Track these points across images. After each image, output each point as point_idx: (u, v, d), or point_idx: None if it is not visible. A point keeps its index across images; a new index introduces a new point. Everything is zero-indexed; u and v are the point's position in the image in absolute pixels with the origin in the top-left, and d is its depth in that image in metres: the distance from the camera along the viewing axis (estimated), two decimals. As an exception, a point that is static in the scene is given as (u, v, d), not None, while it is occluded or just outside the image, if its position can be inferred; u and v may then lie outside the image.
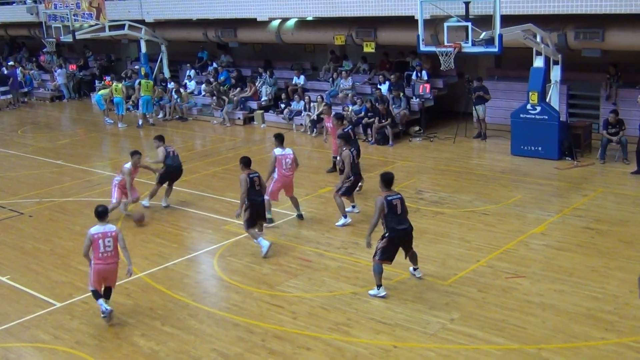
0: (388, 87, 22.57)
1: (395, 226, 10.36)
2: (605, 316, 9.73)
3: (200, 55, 30.37)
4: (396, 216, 10.36)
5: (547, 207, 14.40)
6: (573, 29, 18.55)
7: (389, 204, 10.30)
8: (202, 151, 21.68)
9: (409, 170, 17.68)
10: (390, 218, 10.29)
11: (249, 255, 12.55)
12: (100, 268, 10.06)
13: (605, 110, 19.19)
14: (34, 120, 28.98)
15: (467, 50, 16.48)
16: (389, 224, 10.35)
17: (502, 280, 11.00)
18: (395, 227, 10.35)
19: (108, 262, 10.09)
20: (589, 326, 9.50)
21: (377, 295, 10.59)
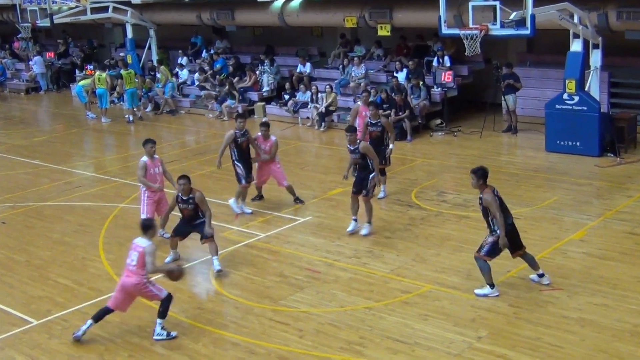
0: (406, 75, 22.57)
1: (507, 221, 10.75)
2: (653, 333, 9.70)
3: (193, 41, 30.44)
4: (506, 211, 10.80)
5: (587, 210, 14.35)
6: (615, 8, 18.51)
7: (500, 198, 10.75)
8: (196, 148, 21.73)
9: (430, 169, 17.66)
10: (502, 212, 10.70)
11: (249, 266, 12.56)
12: (120, 280, 10.37)
13: (652, 100, 19.15)
14: (7, 114, 29.14)
15: (495, 33, 16.45)
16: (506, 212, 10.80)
17: (536, 293, 10.97)
18: (507, 222, 10.76)
19: (126, 275, 10.23)
20: (635, 345, 9.46)
21: (489, 296, 10.80)
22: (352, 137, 13.55)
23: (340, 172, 18.01)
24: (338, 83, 24.19)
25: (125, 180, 18.07)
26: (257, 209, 15.45)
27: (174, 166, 18.61)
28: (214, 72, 27.37)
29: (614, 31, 18.95)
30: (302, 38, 27.95)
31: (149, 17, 29.52)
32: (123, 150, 22.17)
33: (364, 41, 25.81)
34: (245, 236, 13.96)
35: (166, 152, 21.16)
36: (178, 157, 20.34)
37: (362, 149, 13.43)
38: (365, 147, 13.54)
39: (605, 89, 19.56)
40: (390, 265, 12.23)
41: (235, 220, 14.81)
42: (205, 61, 28.45)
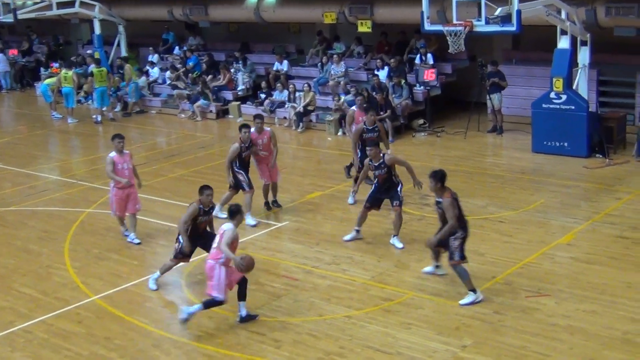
0: (387, 74, 22.63)
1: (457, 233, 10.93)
2: (643, 341, 9.79)
3: (164, 37, 30.36)
4: (461, 221, 11.02)
5: (575, 213, 14.46)
6: (604, 3, 18.66)
7: (459, 207, 11.00)
8: (167, 150, 21.66)
9: (412, 171, 17.69)
10: (461, 216, 10.97)
11: (223, 273, 12.50)
12: None
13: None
14: (-33, 115, 28.88)
15: (479, 30, 16.54)
16: (462, 222, 10.98)
17: (522, 299, 11.03)
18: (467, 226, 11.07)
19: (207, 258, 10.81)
20: (625, 353, 9.53)
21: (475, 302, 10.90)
22: (375, 151, 13.14)
23: (319, 174, 18.10)
24: (316, 82, 24.21)
25: (93, 184, 17.97)
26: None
27: (145, 169, 18.55)
28: (186, 70, 27.29)
29: (603, 27, 19.10)
30: (279, 35, 27.94)
31: (118, 12, 29.40)
32: (90, 153, 22.03)
33: (344, 38, 25.84)
34: (219, 242, 13.89)
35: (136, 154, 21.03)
36: (149, 159, 20.26)
37: (389, 162, 13.10)
38: (392, 159, 13.26)
39: (593, 87, 19.73)
40: (371, 272, 12.25)
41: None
42: (177, 59, 28.37)
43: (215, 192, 16.87)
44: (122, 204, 14.02)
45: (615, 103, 20.65)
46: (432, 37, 22.65)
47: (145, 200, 16.52)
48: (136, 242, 14.13)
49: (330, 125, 22.14)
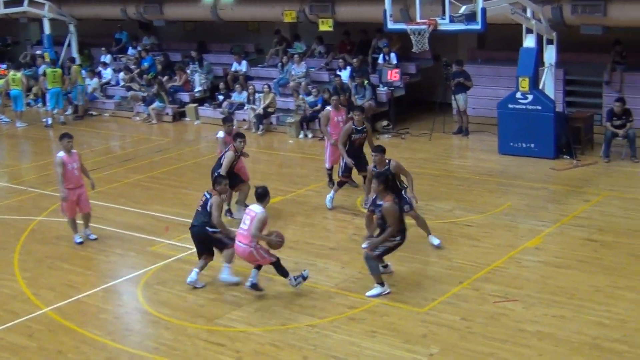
0: (350, 74, 22.68)
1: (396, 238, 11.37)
2: (613, 345, 9.87)
3: (117, 37, 30.14)
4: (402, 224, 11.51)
5: (542, 216, 14.60)
6: (570, 1, 18.89)
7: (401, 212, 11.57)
8: (121, 155, 21.49)
9: (377, 174, 17.73)
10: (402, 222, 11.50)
11: (181, 283, 12.43)
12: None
13: (609, 99, 19.56)
14: None
15: (444, 28, 16.62)
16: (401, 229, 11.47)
17: (489, 305, 11.10)
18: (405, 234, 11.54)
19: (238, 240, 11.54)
20: (595, 358, 9.62)
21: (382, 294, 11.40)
22: (381, 157, 13.03)
23: (280, 178, 18.07)
24: (277, 82, 24.20)
25: (44, 191, 17.77)
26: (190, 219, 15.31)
27: (98, 174, 18.37)
28: (141, 71, 27.12)
29: (569, 25, 19.34)
30: (237, 34, 27.88)
31: (68, 11, 29.11)
32: (41, 158, 21.77)
33: (305, 37, 25.86)
34: (176, 250, 13.83)
35: (89, 159, 20.88)
36: (102, 164, 20.08)
37: (394, 169, 13.02)
38: (397, 166, 13.16)
39: (560, 87, 19.94)
40: (335, 279, 12.25)
41: (166, 232, 14.67)
42: (131, 59, 28.19)
43: (174, 199, 16.87)
44: (73, 205, 14.16)
45: (583, 103, 20.90)
46: (395, 36, 22.74)
47: (99, 207, 16.39)
48: (92, 237, 14.32)
49: (292, 128, 22.14)
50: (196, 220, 12.12)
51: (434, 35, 16.83)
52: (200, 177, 18.42)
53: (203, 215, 12.03)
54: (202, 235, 12.07)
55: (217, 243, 12.10)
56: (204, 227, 12.00)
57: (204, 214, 12.03)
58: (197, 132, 23.77)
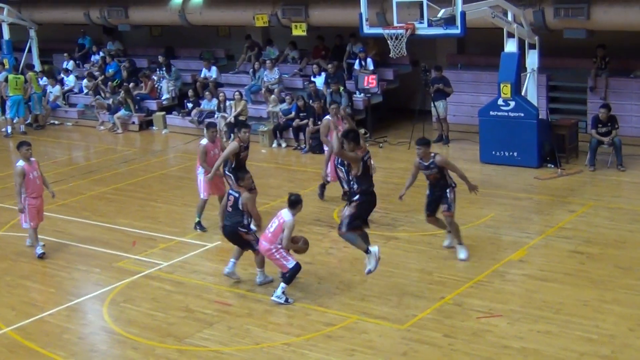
0: (324, 80, 22.72)
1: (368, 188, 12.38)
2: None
3: (80, 42, 30.01)
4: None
5: (527, 228, 14.66)
6: (552, 4, 19.03)
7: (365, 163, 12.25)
8: (85, 166, 21.36)
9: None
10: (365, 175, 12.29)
11: (149, 300, 12.38)
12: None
13: (594, 105, 19.72)
14: None
15: (422, 33, 16.70)
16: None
17: (473, 321, 11.11)
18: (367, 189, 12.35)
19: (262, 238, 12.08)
20: (582, 375, 9.67)
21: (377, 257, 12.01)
22: (426, 150, 13.26)
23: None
24: (248, 89, 24.17)
25: (2, 204, 17.61)
26: (158, 233, 15.26)
27: (60, 186, 18.27)
28: (105, 77, 27.00)
29: (552, 30, 19.48)
30: (206, 39, 27.86)
31: (28, 15, 28.95)
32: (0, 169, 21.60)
33: (277, 42, 25.88)
34: (144, 266, 13.75)
35: (51, 171, 20.73)
36: (65, 176, 19.95)
37: (440, 163, 13.23)
38: (443, 160, 13.37)
39: (543, 93, 20.09)
40: (311, 295, 12.22)
41: (133, 247, 14.58)
42: (95, 66, 28.05)
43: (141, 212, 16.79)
44: (36, 212, 14.27)
45: (567, 109, 21.05)
46: (372, 41, 22.80)
47: (62, 220, 16.30)
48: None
49: (264, 137, 22.11)
50: (228, 220, 12.38)
51: (412, 40, 16.91)
52: (168, 188, 18.38)
53: (235, 214, 12.27)
54: (234, 234, 12.43)
55: (247, 245, 12.46)
56: (236, 227, 12.29)
57: (235, 213, 12.27)
58: (164, 142, 23.67)
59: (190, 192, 17.81)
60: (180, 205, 16.97)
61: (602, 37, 19.89)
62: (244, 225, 12.29)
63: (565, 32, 19.34)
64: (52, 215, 16.68)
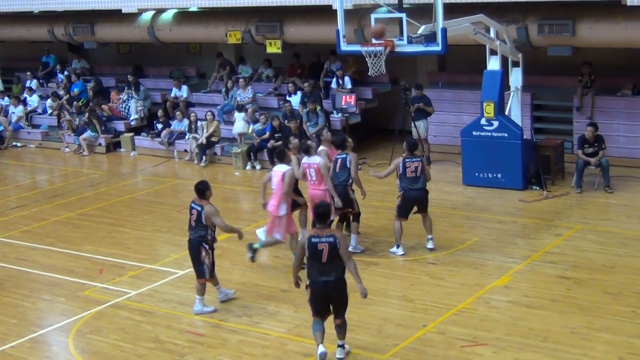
0: (300, 99, 22.78)
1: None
2: (590, 392, 9.98)
3: (45, 60, 29.93)
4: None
5: (512, 252, 14.72)
6: (536, 20, 19.19)
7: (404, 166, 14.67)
8: (49, 190, 21.26)
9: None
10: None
11: (117, 331, 12.31)
12: None
13: (580, 125, 19.88)
14: None
15: (401, 50, 16.77)
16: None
17: (457, 350, 11.14)
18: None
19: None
20: (571, 406, 9.71)
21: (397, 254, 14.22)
22: None
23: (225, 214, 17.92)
24: (221, 109, 24.19)
25: None
26: (126, 260, 15.20)
27: (23, 212, 18.18)
28: (70, 97, 26.93)
29: (536, 47, 19.64)
30: (176, 57, 27.87)
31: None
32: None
33: (251, 60, 25.93)
34: (112, 294, 13.69)
35: (13, 195, 20.65)
36: (28, 200, 19.84)
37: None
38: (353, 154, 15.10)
39: (527, 112, 20.22)
40: (288, 324, 12.21)
41: (100, 275, 14.51)
42: (60, 85, 27.99)
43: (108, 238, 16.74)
44: None
45: (552, 129, 21.18)
46: (350, 59, 22.90)
47: (24, 247, 16.20)
48: None
49: (238, 159, 22.11)
50: (192, 234, 12.70)
51: (391, 58, 16.97)
52: (137, 213, 18.33)
53: (198, 228, 12.57)
54: (196, 249, 12.69)
55: (199, 265, 12.65)
56: (200, 241, 12.60)
57: (199, 227, 12.55)
58: (133, 165, 23.61)
59: (160, 217, 17.82)
60: (149, 231, 16.92)
61: (588, 54, 20.08)
62: (207, 241, 12.54)
63: (549, 49, 19.50)
64: (14, 242, 16.59)
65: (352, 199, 14.81)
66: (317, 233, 10.52)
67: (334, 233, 10.56)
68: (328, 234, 10.47)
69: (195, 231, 12.57)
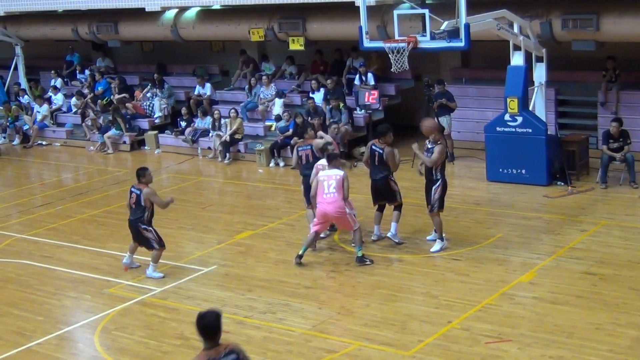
0: (324, 96, 22.77)
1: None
2: (616, 388, 9.92)
3: (69, 59, 30.07)
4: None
5: (536, 248, 14.66)
6: (559, 15, 19.10)
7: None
8: (74, 188, 21.36)
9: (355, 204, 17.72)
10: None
11: (142, 328, 12.36)
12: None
13: (604, 120, 19.75)
14: None
15: (425, 46, 16.75)
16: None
17: (481, 346, 11.10)
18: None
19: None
20: (597, 402, 9.66)
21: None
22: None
23: (249, 210, 18.04)
24: (244, 107, 24.22)
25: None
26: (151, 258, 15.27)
27: (49, 210, 18.29)
28: (95, 95, 27.06)
29: (560, 42, 19.55)
30: (200, 54, 27.93)
31: (14, 31, 29.04)
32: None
33: (274, 57, 25.95)
34: (137, 292, 13.75)
35: (38, 193, 20.78)
36: (53, 198, 19.95)
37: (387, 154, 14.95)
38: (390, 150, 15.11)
39: (551, 107, 20.10)
40: (312, 321, 12.21)
41: (125, 272, 14.57)
42: (84, 84, 28.13)
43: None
44: None
45: (576, 125, 21.06)
46: (373, 56, 22.87)
47: (50, 245, 16.30)
48: None
49: (261, 156, 22.14)
50: (132, 216, 14.14)
51: (414, 54, 16.95)
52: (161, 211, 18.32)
53: (137, 210, 14.00)
54: (135, 230, 14.06)
55: (145, 242, 14.05)
56: (137, 223, 13.95)
57: (137, 209, 13.99)
58: (157, 162, 23.69)
59: (184, 215, 17.86)
60: (174, 228, 16.96)
61: (612, 48, 19.95)
62: (143, 222, 13.91)
63: (573, 44, 19.40)
64: (40, 239, 16.70)
65: (394, 190, 15.13)
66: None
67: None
68: None
69: (134, 213, 14.01)
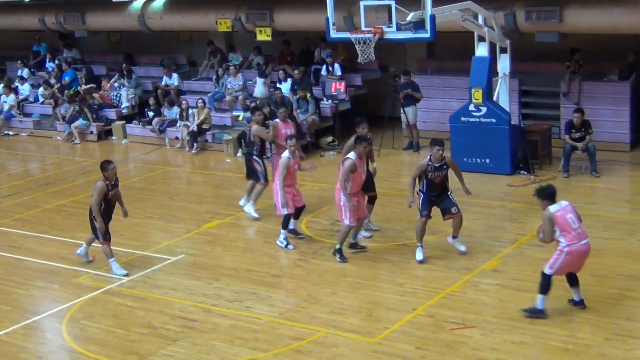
0: (290, 86, 22.76)
1: None
2: (577, 373, 10.05)
3: (35, 50, 29.82)
4: None
5: (500, 236, 14.78)
6: (523, 7, 19.22)
7: None
8: (42, 178, 21.23)
9: (321, 194, 17.81)
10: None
11: (110, 317, 12.34)
12: None
13: (567, 110, 19.93)
14: None
15: (391, 37, 16.80)
16: None
17: (445, 332, 11.19)
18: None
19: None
20: (558, 387, 9.78)
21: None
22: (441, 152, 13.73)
23: (217, 200, 18.02)
24: (211, 97, 24.16)
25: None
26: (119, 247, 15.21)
27: (15, 200, 18.17)
28: (62, 85, 26.87)
29: (524, 33, 19.67)
30: (167, 45, 27.80)
31: (-20, 21, 28.79)
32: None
33: (241, 47, 25.89)
34: (104, 281, 13.71)
35: (5, 184, 20.63)
36: (20, 188, 19.82)
37: (450, 164, 13.94)
38: (451, 160, 14.19)
39: (515, 98, 20.24)
40: (279, 309, 12.24)
41: (92, 261, 14.52)
42: (51, 74, 27.91)
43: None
44: None
45: (539, 115, 21.25)
46: (340, 46, 22.90)
47: (17, 235, 16.21)
48: None
49: (229, 146, 22.12)
50: None
51: (380, 45, 16.99)
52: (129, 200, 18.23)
53: None
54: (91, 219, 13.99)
55: (94, 231, 13.87)
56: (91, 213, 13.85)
57: None
58: (124, 152, 23.59)
59: (152, 204, 17.83)
60: (141, 218, 16.92)
61: (575, 40, 20.12)
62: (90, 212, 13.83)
63: (537, 35, 19.52)
64: (7, 230, 16.60)
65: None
66: None
67: None
68: None
69: None
